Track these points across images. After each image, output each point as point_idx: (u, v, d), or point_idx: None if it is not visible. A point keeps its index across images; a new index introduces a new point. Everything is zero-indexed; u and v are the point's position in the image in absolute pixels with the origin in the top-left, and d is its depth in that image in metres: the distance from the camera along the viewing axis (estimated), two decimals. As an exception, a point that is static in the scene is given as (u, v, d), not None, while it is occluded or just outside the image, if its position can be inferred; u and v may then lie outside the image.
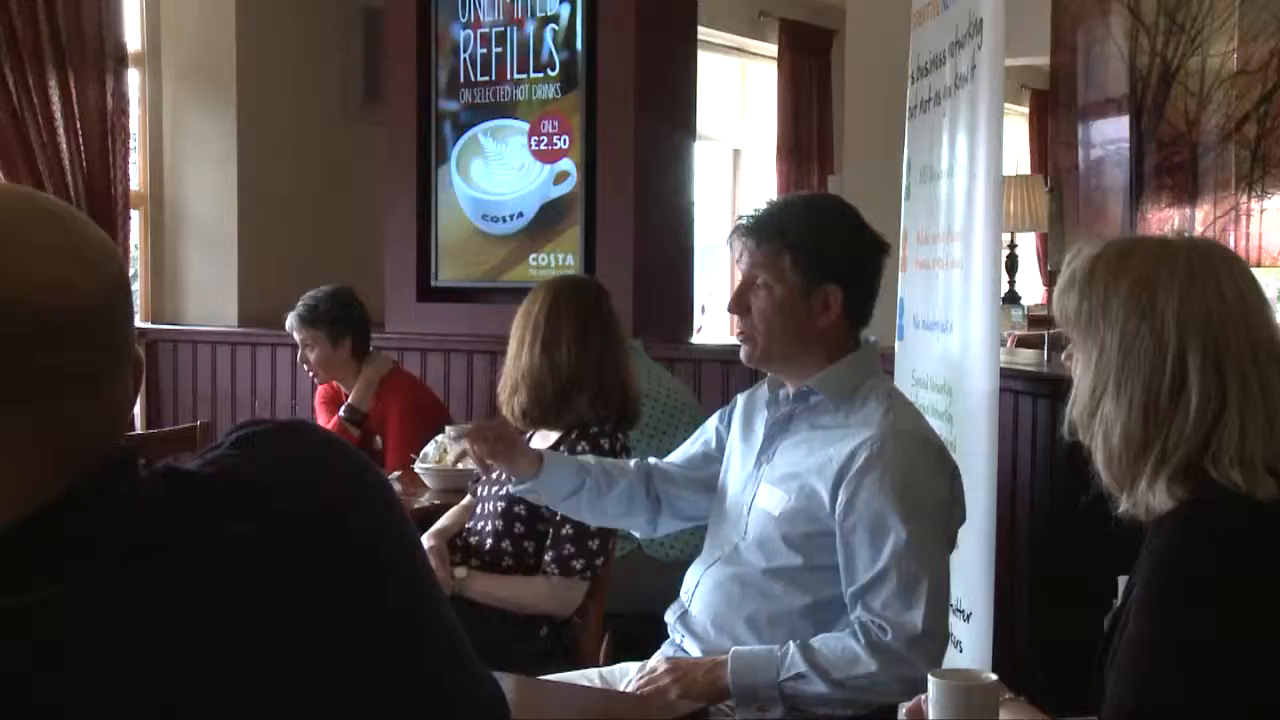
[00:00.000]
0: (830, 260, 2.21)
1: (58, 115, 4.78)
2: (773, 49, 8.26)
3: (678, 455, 2.52)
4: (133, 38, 5.19)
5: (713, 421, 2.48)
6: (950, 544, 2.21)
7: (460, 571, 2.85)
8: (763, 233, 2.22)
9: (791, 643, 2.10)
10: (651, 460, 2.54)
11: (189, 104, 5.43)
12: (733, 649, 2.14)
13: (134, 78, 5.21)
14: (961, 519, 2.25)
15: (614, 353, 2.98)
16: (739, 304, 2.23)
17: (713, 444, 2.46)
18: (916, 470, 2.13)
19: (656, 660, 2.23)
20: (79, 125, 4.84)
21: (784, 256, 2.19)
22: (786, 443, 2.26)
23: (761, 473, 2.27)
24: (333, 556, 0.96)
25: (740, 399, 2.45)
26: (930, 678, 1.61)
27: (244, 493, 0.93)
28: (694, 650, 2.25)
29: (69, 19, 4.78)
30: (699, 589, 2.29)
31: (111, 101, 4.93)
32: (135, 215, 5.29)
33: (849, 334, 2.26)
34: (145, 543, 0.88)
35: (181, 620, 0.87)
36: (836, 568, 2.14)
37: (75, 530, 0.87)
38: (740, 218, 2.29)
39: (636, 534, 2.67)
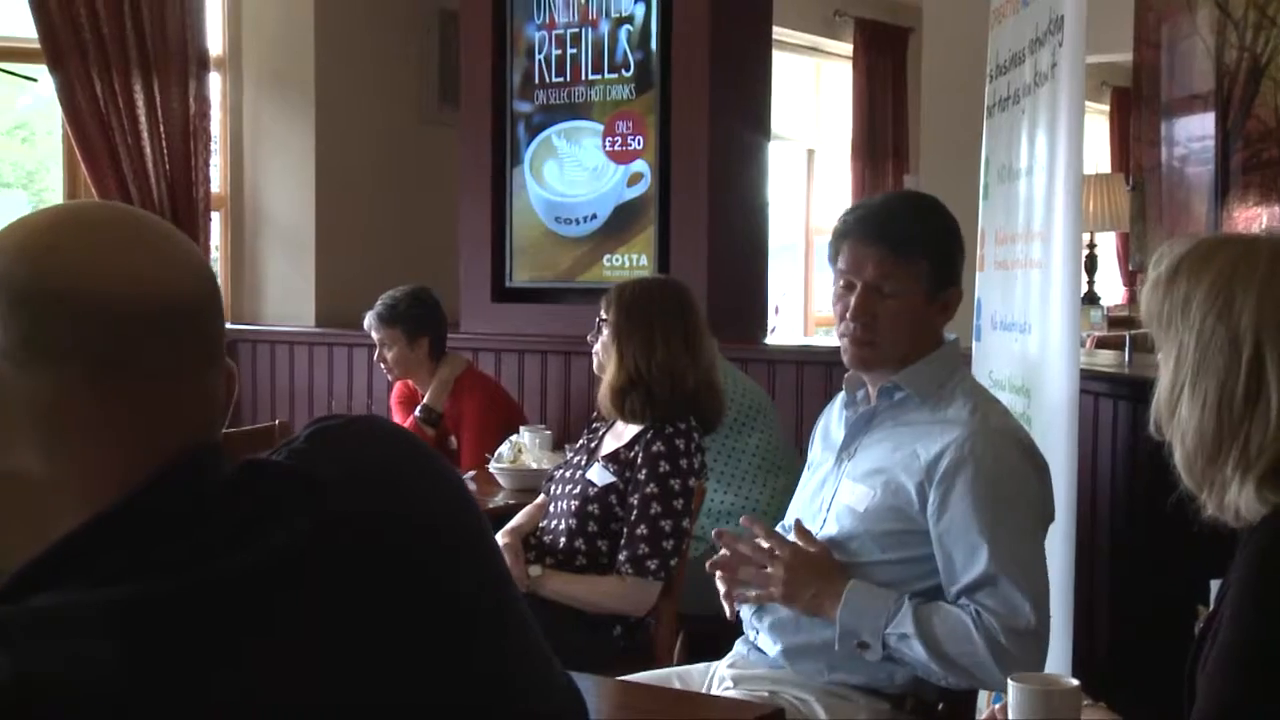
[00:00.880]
0: (952, 264, 2.23)
1: (142, 119, 4.88)
2: (848, 48, 8.21)
3: None
4: (214, 42, 5.28)
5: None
6: (1042, 540, 2.19)
7: (535, 570, 2.86)
8: (894, 240, 2.18)
9: (907, 599, 2.09)
10: None
11: (269, 107, 5.50)
12: (850, 583, 2.12)
13: (215, 82, 5.29)
14: (1051, 517, 2.23)
15: (700, 350, 2.98)
16: (865, 312, 2.17)
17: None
18: (1008, 468, 2.12)
19: (786, 552, 2.17)
20: (162, 129, 4.93)
21: (920, 264, 2.18)
22: (869, 439, 2.24)
23: (843, 469, 2.26)
24: (400, 554, 0.97)
25: (819, 420, 2.45)
26: (1010, 681, 1.59)
27: (309, 489, 0.94)
28: (770, 649, 2.24)
29: (154, 25, 4.87)
30: None
31: (194, 105, 5.01)
32: (216, 217, 5.37)
33: (937, 330, 2.26)
34: (217, 539, 0.89)
35: (244, 617, 0.87)
36: (919, 562, 2.12)
37: (151, 524, 0.88)
38: (851, 221, 2.22)
39: None
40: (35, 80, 5.40)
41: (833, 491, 2.26)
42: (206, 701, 0.84)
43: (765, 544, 2.20)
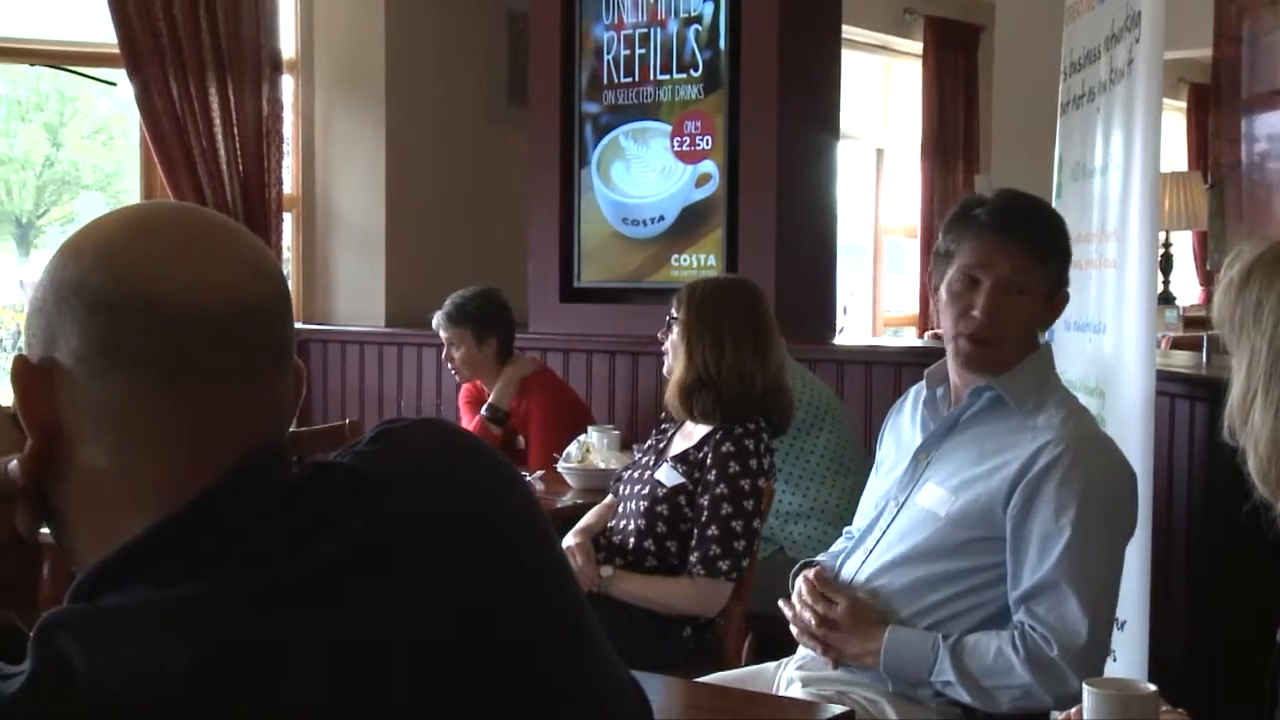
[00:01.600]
0: (1068, 266, 2.19)
1: (217, 122, 4.95)
2: (918, 46, 8.14)
3: None
4: (287, 46, 5.34)
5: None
6: (1122, 554, 2.15)
7: (607, 570, 2.86)
8: (1030, 237, 2.13)
9: (941, 642, 2.06)
10: None
11: (339, 109, 5.56)
12: (887, 633, 2.11)
13: (288, 84, 5.36)
14: (1132, 531, 2.19)
15: (770, 351, 2.97)
16: (993, 308, 2.11)
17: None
18: (1096, 479, 2.08)
19: (810, 616, 2.19)
20: (236, 131, 5.01)
21: (1049, 264, 2.14)
22: (952, 442, 2.20)
23: (921, 472, 2.22)
24: (467, 555, 0.96)
25: (888, 422, 2.42)
26: (1086, 687, 1.57)
27: (374, 490, 0.94)
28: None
29: (229, 30, 4.94)
30: (850, 587, 2.26)
31: (267, 107, 5.07)
32: (288, 218, 5.44)
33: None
34: (283, 540, 0.89)
35: (311, 617, 0.87)
36: (997, 569, 2.10)
37: (219, 526, 0.89)
38: (982, 215, 2.13)
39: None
40: (115, 85, 5.50)
41: (908, 494, 2.23)
42: (273, 702, 0.84)
43: (791, 608, 2.22)
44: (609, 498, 3.12)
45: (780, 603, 2.27)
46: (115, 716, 0.81)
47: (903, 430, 2.35)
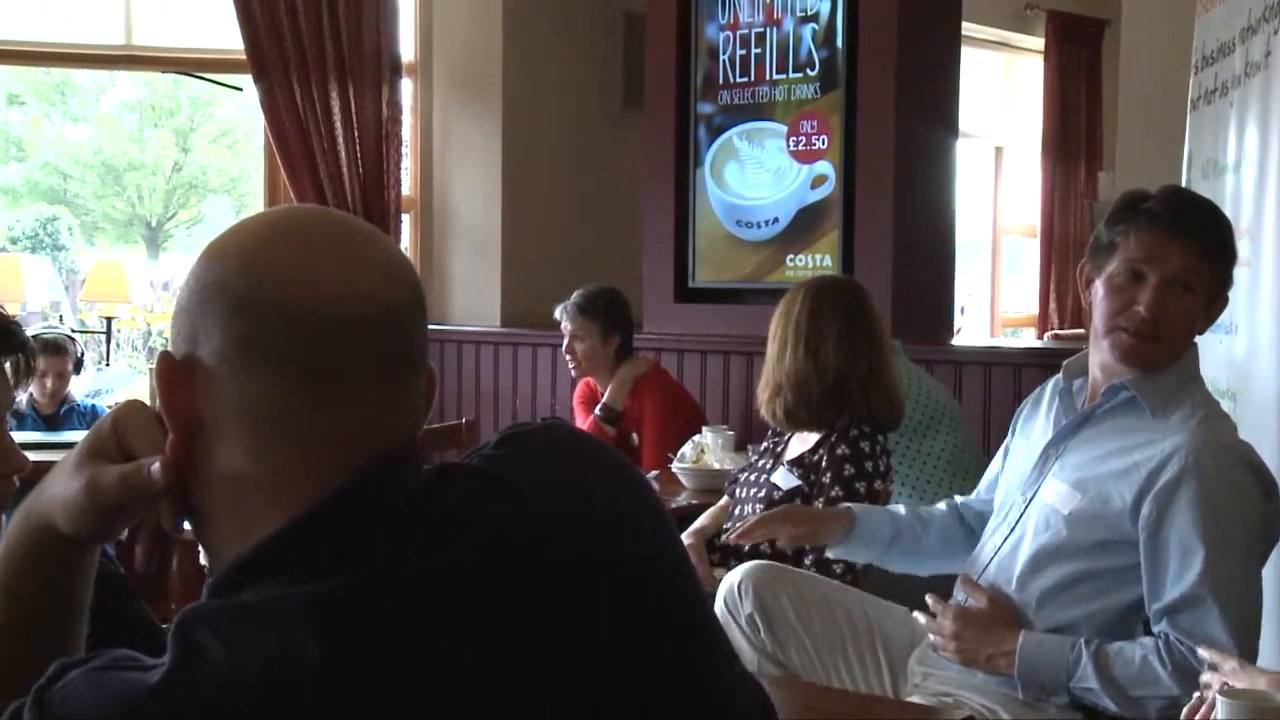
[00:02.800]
0: (1234, 270, 2.13)
1: (338, 125, 5.05)
2: (1039, 42, 7.98)
3: (982, 483, 2.48)
4: (406, 50, 5.42)
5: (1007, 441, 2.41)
6: (1261, 564, 2.07)
7: (720, 572, 2.85)
8: (1205, 235, 2.07)
9: (1084, 647, 2.02)
10: (958, 498, 2.50)
11: (457, 111, 5.63)
12: (1021, 639, 2.07)
13: (407, 87, 5.44)
14: (1274, 541, 2.11)
15: (878, 354, 2.93)
16: (1160, 305, 2.05)
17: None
18: (1233, 487, 2.01)
19: (949, 617, 2.16)
20: (357, 134, 5.10)
21: (1219, 266, 2.09)
22: (1082, 437, 2.16)
23: (1049, 467, 2.18)
24: (596, 554, 0.97)
25: (1024, 407, 2.37)
26: (1220, 698, 1.52)
27: (502, 492, 0.95)
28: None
29: (351, 35, 5.04)
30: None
31: (386, 111, 5.16)
32: (406, 219, 5.52)
33: None
34: (414, 539, 0.90)
35: (441, 616, 0.88)
36: (1124, 572, 2.05)
37: (351, 524, 0.90)
38: (1155, 209, 2.07)
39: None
40: (241, 90, 5.64)
41: (1035, 490, 2.18)
42: (401, 698, 0.85)
43: (933, 610, 2.18)
44: (724, 500, 3.11)
45: (927, 601, 2.23)
46: (250, 708, 0.83)
47: (1036, 422, 2.30)
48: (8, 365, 1.45)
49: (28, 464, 1.44)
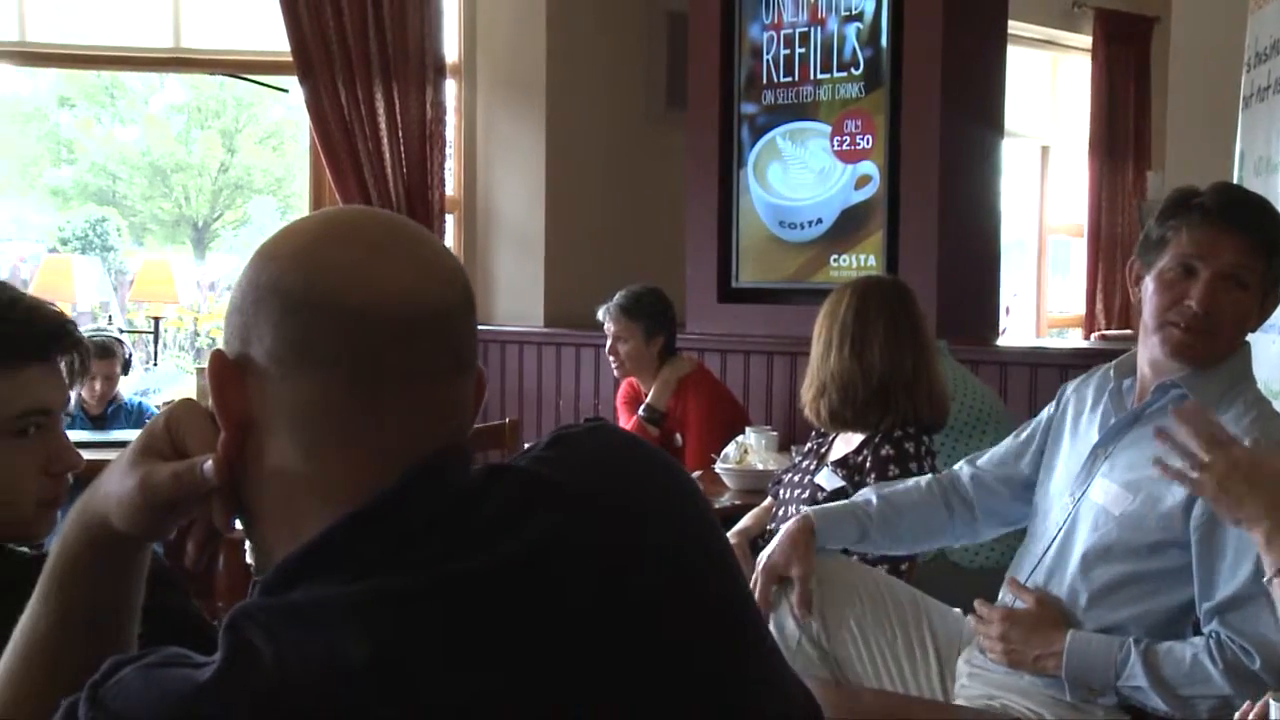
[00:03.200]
0: None
1: (383, 125, 5.08)
2: (1086, 40, 7.91)
3: (993, 453, 2.44)
4: (450, 50, 5.45)
5: (1046, 412, 2.37)
6: None
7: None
8: (1259, 231, 2.04)
9: (1133, 646, 2.01)
10: (958, 466, 2.47)
11: (501, 112, 5.64)
12: (1069, 639, 2.06)
13: (451, 88, 5.47)
14: None
15: (924, 354, 2.91)
16: (1212, 299, 2.03)
17: (1035, 436, 2.36)
18: None
19: (996, 619, 2.15)
20: (401, 134, 5.13)
21: (1274, 262, 2.06)
22: (1131, 437, 2.14)
23: (1098, 466, 2.16)
24: (647, 555, 0.97)
25: (1070, 386, 2.33)
26: (1271, 700, 1.50)
27: (552, 491, 0.95)
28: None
29: (395, 36, 5.07)
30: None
31: (430, 111, 5.19)
32: (450, 219, 5.55)
33: None
34: (464, 538, 0.90)
35: (491, 615, 0.88)
36: (1175, 574, 2.03)
37: (402, 524, 0.90)
38: (1208, 203, 2.05)
39: (955, 544, 2.61)
40: (286, 91, 5.69)
41: (1084, 489, 2.16)
42: (449, 697, 0.86)
43: (980, 614, 2.17)
44: (767, 500, 3.10)
45: (975, 606, 2.22)
46: (300, 705, 0.83)
47: (1082, 418, 2.27)
48: (63, 364, 1.47)
49: (82, 462, 1.46)
